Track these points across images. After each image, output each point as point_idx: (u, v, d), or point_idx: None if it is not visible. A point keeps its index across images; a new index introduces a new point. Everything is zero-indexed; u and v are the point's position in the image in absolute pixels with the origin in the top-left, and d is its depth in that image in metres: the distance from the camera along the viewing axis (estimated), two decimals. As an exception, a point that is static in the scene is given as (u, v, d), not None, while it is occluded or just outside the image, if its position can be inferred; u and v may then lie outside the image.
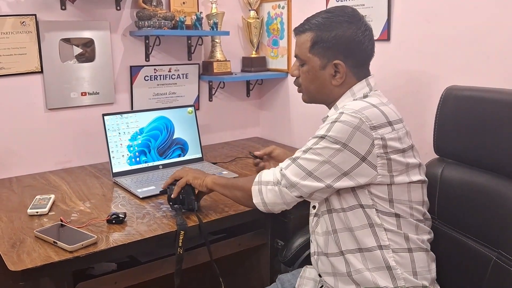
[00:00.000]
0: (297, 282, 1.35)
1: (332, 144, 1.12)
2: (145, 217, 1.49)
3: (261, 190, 1.23)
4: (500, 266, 1.12)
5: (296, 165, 1.17)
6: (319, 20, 1.25)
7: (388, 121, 1.14)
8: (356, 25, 1.23)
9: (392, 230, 1.15)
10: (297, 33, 1.30)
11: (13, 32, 1.87)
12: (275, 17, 2.44)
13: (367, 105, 1.16)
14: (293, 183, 1.17)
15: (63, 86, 2.02)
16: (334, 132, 1.13)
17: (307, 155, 1.16)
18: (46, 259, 1.21)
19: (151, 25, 2.07)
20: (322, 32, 1.23)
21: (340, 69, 1.23)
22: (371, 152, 1.11)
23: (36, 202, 1.57)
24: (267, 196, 1.22)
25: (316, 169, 1.14)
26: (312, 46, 1.25)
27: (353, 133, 1.11)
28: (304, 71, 1.28)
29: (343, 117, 1.13)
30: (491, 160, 1.22)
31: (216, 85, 2.47)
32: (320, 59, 1.24)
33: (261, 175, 1.26)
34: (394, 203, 1.15)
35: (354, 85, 1.25)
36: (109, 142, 1.87)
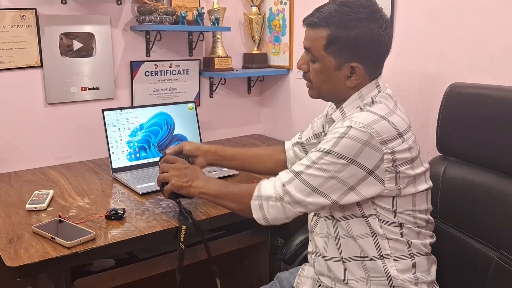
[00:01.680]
0: (295, 280, 1.34)
1: (338, 160, 1.06)
2: (144, 213, 1.48)
3: (262, 206, 1.16)
4: (502, 266, 1.11)
5: (300, 181, 1.10)
6: (336, 16, 1.12)
7: (398, 133, 1.08)
8: (377, 23, 1.12)
9: (394, 238, 1.13)
10: (310, 25, 1.18)
11: (13, 26, 1.86)
12: (277, 13, 2.43)
13: (376, 118, 1.09)
14: (298, 201, 1.11)
15: (63, 81, 2.01)
16: (341, 147, 1.06)
17: (312, 171, 1.09)
18: (44, 255, 1.20)
19: (152, 20, 2.05)
20: (339, 31, 1.11)
21: (357, 71, 1.14)
22: (379, 167, 1.06)
23: (35, 197, 1.55)
24: (268, 212, 1.15)
25: (321, 184, 1.08)
26: (328, 44, 1.13)
27: (362, 148, 1.05)
28: (316, 69, 1.19)
29: (351, 132, 1.06)
30: (494, 159, 1.20)
31: (217, 81, 2.46)
32: (336, 60, 1.14)
33: (260, 188, 1.18)
34: (398, 213, 1.12)
35: (363, 87, 1.17)
36: (109, 137, 1.86)
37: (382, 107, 1.13)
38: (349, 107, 1.18)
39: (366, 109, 1.12)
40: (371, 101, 1.16)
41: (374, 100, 1.15)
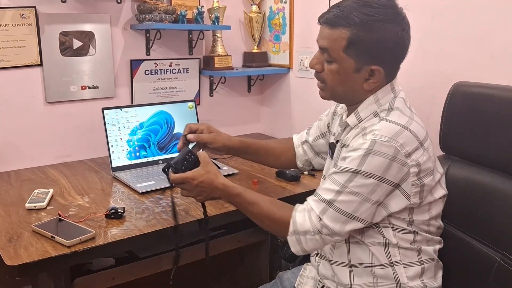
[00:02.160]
0: (297, 280, 1.32)
1: (368, 179, 1.03)
2: (144, 212, 1.48)
3: (299, 240, 1.11)
4: (504, 268, 1.10)
5: (334, 210, 1.06)
6: (359, 16, 1.05)
7: (419, 142, 1.06)
8: (400, 25, 1.07)
9: (406, 247, 1.12)
10: (329, 24, 1.10)
11: (12, 25, 1.85)
12: (277, 12, 2.42)
13: (398, 129, 1.05)
14: (336, 232, 1.07)
15: (62, 80, 2.01)
16: (368, 166, 1.02)
17: (344, 197, 1.05)
18: (44, 254, 1.20)
19: (152, 18, 2.05)
20: (361, 33, 1.05)
21: (376, 74, 1.10)
22: (406, 180, 1.04)
23: (35, 196, 1.55)
24: (307, 245, 1.10)
25: (356, 210, 1.05)
26: (348, 46, 1.07)
27: (390, 164, 1.02)
28: (333, 71, 1.12)
29: (376, 146, 1.02)
30: (498, 159, 1.20)
31: (217, 80, 2.45)
32: (355, 62, 1.09)
33: (295, 222, 1.10)
34: (413, 223, 1.11)
35: (378, 90, 1.13)
36: (109, 136, 1.85)
37: (401, 115, 1.09)
38: (365, 112, 1.14)
39: (386, 119, 1.08)
40: (389, 107, 1.12)
41: (392, 106, 1.12)
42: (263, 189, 1.69)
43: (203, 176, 1.22)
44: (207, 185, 1.22)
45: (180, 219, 1.41)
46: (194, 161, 1.26)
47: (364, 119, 1.14)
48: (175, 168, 1.24)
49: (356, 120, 1.15)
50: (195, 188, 1.23)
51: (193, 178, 1.22)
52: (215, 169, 1.25)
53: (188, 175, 1.22)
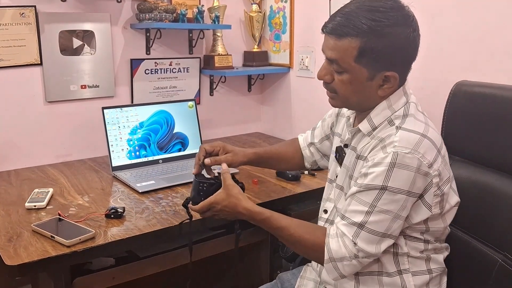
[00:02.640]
0: (297, 282, 1.31)
1: (396, 195, 1.00)
2: (144, 212, 1.47)
3: (336, 267, 1.07)
4: (506, 269, 1.09)
5: (366, 232, 1.03)
6: (367, 23, 1.00)
7: (437, 150, 1.04)
8: (410, 26, 1.03)
9: (416, 256, 1.11)
10: (335, 35, 1.04)
11: (12, 24, 1.85)
12: (278, 11, 2.42)
13: (418, 138, 1.02)
14: (373, 254, 1.04)
15: (62, 79, 2.00)
16: (395, 181, 0.99)
17: (375, 217, 1.01)
18: (43, 254, 1.20)
19: (152, 17, 2.04)
20: (371, 40, 1.00)
21: (391, 80, 1.05)
22: (428, 191, 1.03)
23: (34, 195, 1.55)
24: (344, 270, 1.07)
25: (389, 228, 1.02)
26: (359, 56, 1.02)
27: (415, 177, 0.99)
28: (345, 81, 1.06)
29: (399, 159, 0.99)
30: (499, 159, 1.19)
31: (217, 80, 2.45)
32: (368, 71, 1.04)
33: (330, 249, 1.06)
34: (428, 231, 1.10)
35: (391, 95, 1.09)
36: (109, 135, 1.85)
37: (416, 122, 1.06)
38: (378, 118, 1.10)
39: (404, 128, 1.04)
40: (404, 113, 1.08)
41: (407, 112, 1.08)
42: (263, 189, 1.69)
43: (226, 201, 1.20)
44: (230, 209, 1.20)
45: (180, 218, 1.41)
46: (212, 187, 1.25)
47: (378, 126, 1.10)
48: (195, 203, 1.25)
49: (370, 127, 1.11)
50: (220, 212, 1.22)
51: (216, 203, 1.21)
52: (237, 192, 1.21)
53: (211, 200, 1.21)
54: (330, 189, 1.27)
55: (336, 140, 1.30)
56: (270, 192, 1.66)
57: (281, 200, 1.63)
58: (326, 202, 1.26)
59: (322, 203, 1.30)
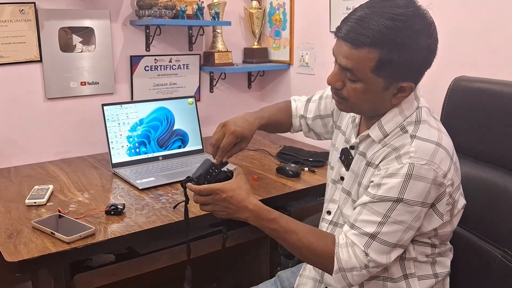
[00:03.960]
0: (297, 281, 1.31)
1: (411, 207, 0.98)
2: (144, 208, 1.47)
3: (345, 277, 1.04)
4: (505, 265, 1.10)
5: (378, 242, 1.00)
6: (389, 34, 0.94)
7: (450, 158, 1.02)
8: (432, 36, 0.98)
9: (422, 260, 1.10)
10: (352, 44, 0.97)
11: (12, 20, 1.85)
12: (278, 8, 2.41)
13: (434, 147, 0.99)
14: (384, 264, 1.02)
15: (62, 76, 2.00)
16: (411, 193, 0.97)
17: (388, 228, 0.99)
18: (43, 250, 1.20)
19: (152, 14, 2.04)
20: (392, 52, 0.94)
21: (407, 90, 1.02)
22: (441, 200, 1.01)
23: (34, 192, 1.55)
24: (353, 280, 1.04)
25: (401, 239, 1.01)
26: (377, 67, 0.96)
27: (430, 188, 0.98)
28: (358, 90, 1.01)
29: (415, 170, 0.96)
30: (499, 155, 1.19)
31: (217, 76, 2.45)
32: (384, 81, 0.99)
33: (339, 259, 1.03)
34: (434, 237, 1.09)
35: (403, 101, 1.05)
36: (109, 132, 1.85)
37: (430, 129, 1.03)
38: (390, 124, 1.06)
39: (419, 137, 1.01)
40: (416, 119, 1.05)
41: (420, 118, 1.05)
42: (263, 185, 1.69)
43: (234, 192, 1.10)
44: (235, 201, 1.10)
45: (180, 215, 1.41)
46: (220, 175, 1.15)
47: (390, 133, 1.06)
48: (196, 183, 1.13)
49: (381, 135, 1.07)
50: (221, 202, 1.10)
51: (223, 191, 1.10)
52: (248, 187, 1.13)
53: (217, 186, 1.10)
54: (333, 190, 1.24)
55: (341, 138, 1.26)
56: (270, 189, 1.66)
57: (281, 197, 1.63)
58: (330, 203, 1.24)
59: (325, 203, 1.27)
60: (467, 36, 1.58)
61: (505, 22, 1.47)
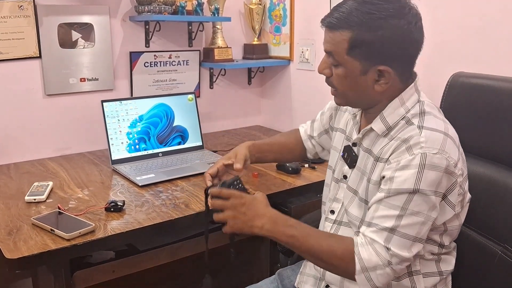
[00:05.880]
0: (297, 279, 1.30)
1: (426, 198, 0.97)
2: (144, 205, 1.47)
3: (369, 278, 1.01)
4: (505, 260, 1.10)
5: (399, 236, 0.98)
6: (358, 15, 0.99)
7: (457, 147, 1.02)
8: (406, 19, 1.00)
9: (428, 258, 1.09)
10: (329, 27, 1.04)
11: (10, 16, 1.84)
12: (278, 3, 2.40)
13: (443, 137, 0.99)
14: (407, 259, 0.99)
15: (61, 72, 2.00)
16: (426, 183, 0.96)
17: (406, 220, 0.98)
18: (43, 247, 1.19)
19: (151, 10, 2.03)
20: (363, 32, 0.99)
21: (386, 75, 1.03)
22: (453, 191, 1.00)
23: (34, 189, 1.55)
24: (378, 281, 1.00)
25: (420, 231, 0.99)
26: (351, 48, 1.01)
27: (442, 177, 0.97)
28: (340, 75, 1.06)
29: (428, 159, 0.96)
30: (498, 151, 1.19)
31: (217, 72, 2.44)
32: (361, 64, 1.02)
33: (361, 258, 1.00)
34: (445, 233, 1.08)
35: (403, 92, 1.06)
36: (108, 129, 1.84)
37: (438, 121, 1.04)
38: (392, 117, 1.07)
39: (427, 127, 1.01)
40: (420, 111, 1.05)
41: (424, 110, 1.05)
42: (263, 182, 1.69)
43: (255, 200, 1.11)
44: (254, 208, 1.10)
45: (180, 212, 1.41)
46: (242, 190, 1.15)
47: (394, 125, 1.07)
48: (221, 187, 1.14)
49: (384, 127, 1.07)
50: (239, 207, 1.10)
51: (243, 197, 1.11)
52: (268, 204, 1.13)
53: (237, 193, 1.11)
54: (337, 189, 1.22)
55: (340, 137, 1.26)
56: (270, 185, 1.66)
57: (282, 193, 1.63)
58: (333, 203, 1.22)
59: (328, 203, 1.25)
60: (467, 32, 1.57)
61: (506, 18, 1.46)
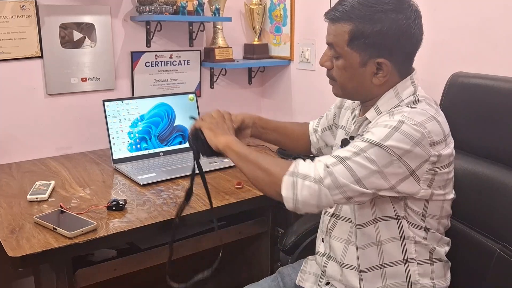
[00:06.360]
0: (298, 277, 1.32)
1: (386, 154, 0.98)
2: (146, 204, 1.48)
3: (295, 184, 1.01)
4: (504, 258, 1.11)
5: (345, 167, 1.00)
6: (360, 9, 1.04)
7: (444, 136, 1.04)
8: (405, 14, 1.04)
9: (420, 242, 1.11)
10: (332, 20, 1.09)
11: (12, 16, 1.85)
12: (278, 3, 2.41)
13: (428, 116, 1.03)
14: (341, 185, 0.99)
15: (63, 72, 2.00)
16: (392, 142, 0.98)
17: (360, 159, 0.99)
18: (46, 245, 1.20)
19: (152, 10, 2.04)
20: (363, 25, 1.04)
21: (384, 68, 1.07)
22: (421, 167, 1.01)
23: (36, 188, 1.56)
24: (301, 193, 1.01)
25: (366, 177, 0.99)
26: (351, 40, 1.06)
27: (413, 148, 0.99)
28: (340, 67, 1.10)
29: (404, 127, 0.99)
30: (496, 150, 1.20)
31: (218, 72, 2.45)
32: (360, 56, 1.07)
33: (297, 165, 1.04)
34: (426, 218, 1.10)
35: (398, 84, 1.10)
36: (110, 128, 1.85)
37: (429, 107, 1.07)
38: (385, 106, 1.10)
39: (415, 107, 1.06)
40: (414, 99, 1.09)
41: (418, 99, 1.09)
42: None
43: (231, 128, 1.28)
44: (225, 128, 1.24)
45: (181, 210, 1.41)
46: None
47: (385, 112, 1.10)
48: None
49: (377, 115, 1.11)
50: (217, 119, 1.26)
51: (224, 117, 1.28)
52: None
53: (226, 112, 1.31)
54: None
55: (341, 133, 1.29)
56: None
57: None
58: None
59: None
60: (467, 32, 1.58)
61: (506, 18, 1.47)
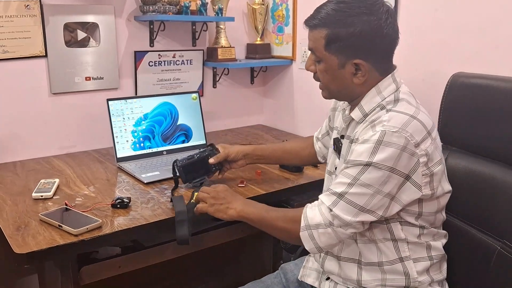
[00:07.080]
0: (300, 272, 1.33)
1: (379, 171, 1.03)
2: (150, 202, 1.49)
3: (312, 236, 1.10)
4: (504, 256, 1.12)
5: (345, 202, 1.06)
6: (334, 15, 1.10)
7: (427, 132, 1.07)
8: (376, 16, 1.08)
9: (414, 241, 1.13)
10: (310, 27, 1.16)
11: (17, 16, 1.86)
12: (281, 3, 2.42)
13: (407, 118, 1.06)
14: (348, 223, 1.06)
15: (67, 71, 2.02)
16: (380, 156, 1.02)
17: (356, 189, 1.05)
18: (51, 242, 1.22)
19: (156, 10, 2.05)
20: (337, 29, 1.09)
21: (361, 68, 1.11)
22: (416, 171, 1.04)
23: (41, 186, 1.57)
24: (320, 240, 1.10)
25: (368, 203, 1.05)
26: (328, 44, 1.12)
27: (400, 155, 1.02)
28: (321, 70, 1.17)
29: (386, 137, 1.03)
30: (497, 149, 1.21)
31: (221, 72, 2.46)
32: (338, 58, 1.12)
33: (306, 216, 1.12)
34: (421, 216, 1.12)
35: (379, 82, 1.14)
36: (113, 127, 1.87)
37: (408, 106, 1.10)
38: (369, 104, 1.14)
39: (394, 110, 1.09)
40: (395, 98, 1.13)
41: (398, 97, 1.13)
42: (266, 180, 1.71)
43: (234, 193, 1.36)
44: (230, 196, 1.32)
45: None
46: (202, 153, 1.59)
47: (370, 112, 1.14)
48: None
49: (361, 114, 1.15)
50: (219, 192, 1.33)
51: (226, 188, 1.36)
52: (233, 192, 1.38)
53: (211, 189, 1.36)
54: (329, 181, 1.29)
55: (334, 134, 1.33)
56: (273, 183, 1.68)
57: (284, 191, 1.65)
58: None
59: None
60: (467, 32, 1.59)
61: (506, 18, 1.48)
